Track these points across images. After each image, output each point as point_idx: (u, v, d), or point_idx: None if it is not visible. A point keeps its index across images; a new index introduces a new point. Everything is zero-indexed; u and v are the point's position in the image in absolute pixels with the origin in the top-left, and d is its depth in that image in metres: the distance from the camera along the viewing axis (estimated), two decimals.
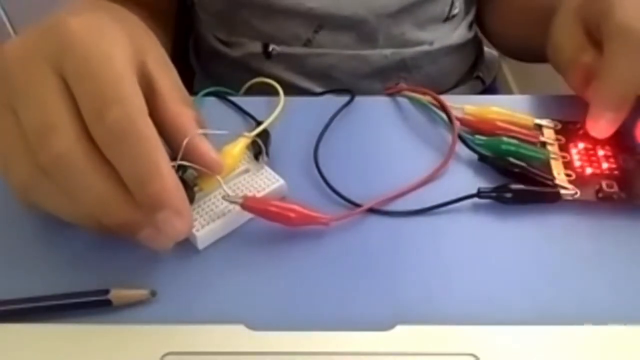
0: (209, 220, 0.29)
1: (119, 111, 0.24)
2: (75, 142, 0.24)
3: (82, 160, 0.24)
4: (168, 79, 0.28)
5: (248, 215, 0.30)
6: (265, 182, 0.31)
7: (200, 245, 0.29)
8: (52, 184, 0.25)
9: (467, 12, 0.54)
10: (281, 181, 0.31)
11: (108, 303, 0.26)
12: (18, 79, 0.25)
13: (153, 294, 0.27)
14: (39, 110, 0.24)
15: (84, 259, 0.29)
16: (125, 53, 0.26)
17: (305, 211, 0.29)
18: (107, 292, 0.26)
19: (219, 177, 0.28)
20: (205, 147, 0.28)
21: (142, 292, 0.26)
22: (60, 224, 0.28)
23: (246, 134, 0.32)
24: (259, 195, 0.30)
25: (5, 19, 1.13)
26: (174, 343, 0.24)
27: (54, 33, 0.25)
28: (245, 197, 0.29)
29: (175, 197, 0.25)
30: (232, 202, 0.29)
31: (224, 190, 0.29)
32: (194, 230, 0.28)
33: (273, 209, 0.29)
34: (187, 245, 0.29)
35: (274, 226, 0.29)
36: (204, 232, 0.29)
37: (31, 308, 0.26)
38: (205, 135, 0.28)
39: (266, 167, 0.32)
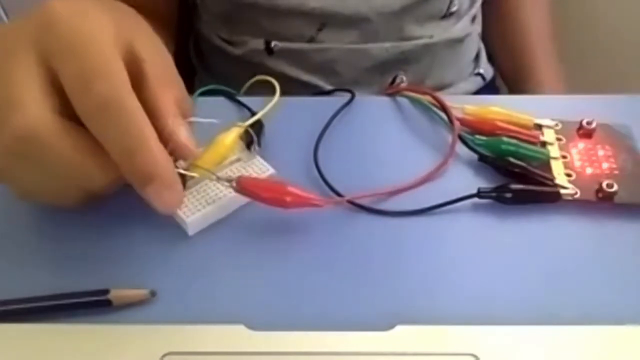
0: (200, 207, 0.29)
1: (105, 84, 0.23)
2: (39, 117, 0.24)
3: (47, 133, 0.24)
4: (155, 61, 0.28)
5: (238, 203, 0.30)
6: (256, 171, 0.32)
7: (191, 231, 0.29)
8: (24, 163, 0.25)
9: (470, 7, 0.55)
10: (272, 170, 0.32)
11: (108, 303, 0.26)
12: None
13: (153, 294, 0.27)
14: (6, 87, 0.24)
15: (84, 259, 0.29)
16: (109, 33, 0.25)
17: (300, 192, 0.29)
18: (107, 292, 0.26)
19: (199, 163, 0.29)
20: (179, 135, 0.27)
21: (142, 292, 0.26)
22: (60, 224, 0.28)
23: (239, 123, 0.32)
24: None
25: (5, 18, 1.13)
26: (174, 343, 0.24)
27: (37, 15, 0.25)
28: (240, 177, 0.29)
29: (163, 169, 0.24)
30: (226, 181, 0.29)
31: (216, 177, 0.29)
32: (184, 217, 0.29)
33: (266, 185, 0.29)
34: (187, 245, 0.29)
35: (274, 228, 0.30)
36: (194, 219, 0.29)
37: (31, 308, 0.26)
38: (190, 122, 0.28)
39: (258, 157, 0.32)
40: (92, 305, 0.26)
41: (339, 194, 0.31)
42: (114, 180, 0.25)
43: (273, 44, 0.50)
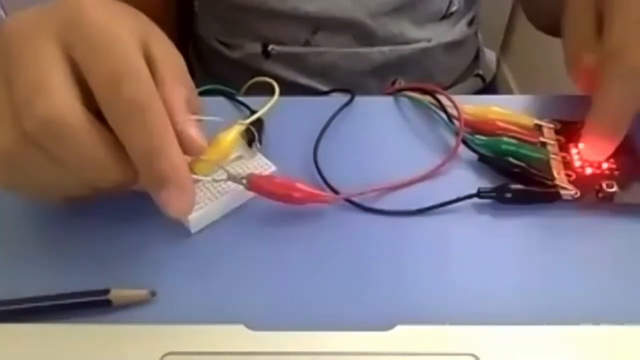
0: (202, 204, 0.30)
1: (134, 87, 0.24)
2: (67, 105, 0.23)
3: (74, 122, 0.23)
4: (168, 61, 0.28)
5: (240, 200, 0.31)
6: (258, 168, 0.32)
7: (193, 229, 0.30)
8: (38, 152, 0.24)
9: (468, 9, 0.55)
10: (273, 167, 0.32)
11: (108, 303, 0.26)
12: (17, 47, 0.24)
13: (153, 294, 0.27)
14: (32, 72, 0.24)
15: (84, 259, 0.29)
16: (132, 33, 0.25)
17: (309, 189, 0.30)
18: (107, 292, 0.26)
19: (206, 159, 0.29)
20: (189, 131, 0.27)
21: (142, 292, 0.26)
22: (60, 225, 0.28)
23: (240, 121, 0.33)
24: None
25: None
26: (174, 343, 0.24)
27: (64, 6, 0.25)
28: (251, 175, 0.29)
29: (180, 174, 0.25)
30: (236, 182, 0.29)
31: (226, 172, 0.29)
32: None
33: (278, 181, 0.30)
34: (187, 245, 0.29)
35: (274, 228, 0.30)
36: (196, 216, 0.29)
37: (31, 308, 0.26)
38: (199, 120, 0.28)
39: (259, 154, 0.32)
40: (92, 305, 0.26)
41: (338, 194, 0.31)
42: (126, 180, 0.25)
43: (270, 47, 0.50)
